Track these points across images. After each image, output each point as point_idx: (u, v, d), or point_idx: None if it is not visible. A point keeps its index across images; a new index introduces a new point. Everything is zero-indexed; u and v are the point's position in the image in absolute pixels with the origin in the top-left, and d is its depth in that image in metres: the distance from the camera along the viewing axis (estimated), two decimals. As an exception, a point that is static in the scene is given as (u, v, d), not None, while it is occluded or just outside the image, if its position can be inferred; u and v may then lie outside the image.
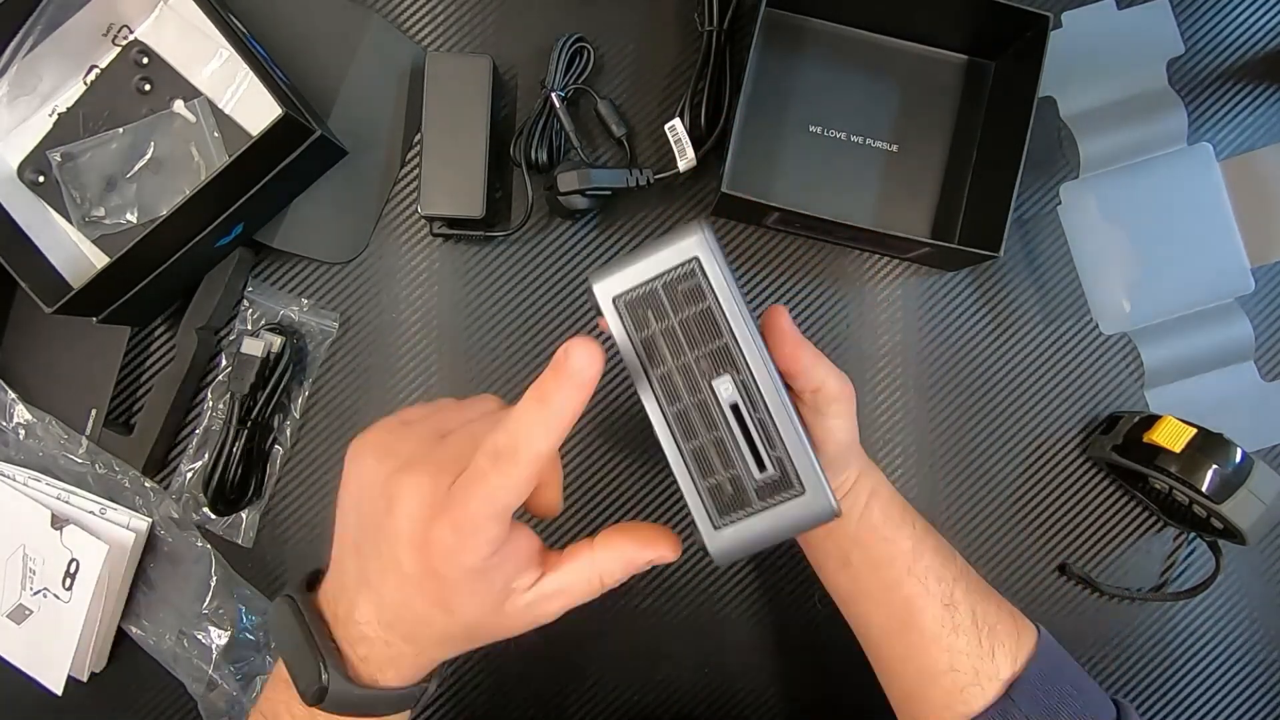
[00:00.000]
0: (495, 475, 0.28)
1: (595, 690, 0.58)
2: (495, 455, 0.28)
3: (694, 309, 0.30)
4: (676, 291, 0.30)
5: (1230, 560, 0.58)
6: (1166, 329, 0.58)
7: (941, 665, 0.41)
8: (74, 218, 0.54)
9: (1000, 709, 0.40)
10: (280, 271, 0.58)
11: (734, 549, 0.30)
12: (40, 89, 0.54)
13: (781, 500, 0.29)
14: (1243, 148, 0.59)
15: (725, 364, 0.30)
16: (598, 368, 0.28)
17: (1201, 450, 0.52)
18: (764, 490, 0.30)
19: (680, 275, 0.30)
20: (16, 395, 0.55)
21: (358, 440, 0.34)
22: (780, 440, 0.29)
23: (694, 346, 0.30)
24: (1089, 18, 0.59)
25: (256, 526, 0.57)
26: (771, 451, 0.29)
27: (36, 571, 0.54)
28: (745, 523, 0.30)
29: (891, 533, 0.43)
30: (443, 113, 0.55)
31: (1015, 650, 0.42)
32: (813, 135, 0.58)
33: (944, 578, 0.43)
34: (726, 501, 0.30)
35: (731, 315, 0.29)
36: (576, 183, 0.54)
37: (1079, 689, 0.42)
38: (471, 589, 0.30)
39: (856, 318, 0.59)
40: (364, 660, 0.33)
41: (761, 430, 0.29)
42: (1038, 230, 0.59)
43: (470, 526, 0.29)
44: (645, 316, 0.30)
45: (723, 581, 0.58)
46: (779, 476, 0.29)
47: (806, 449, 0.29)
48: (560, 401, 0.28)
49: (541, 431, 0.28)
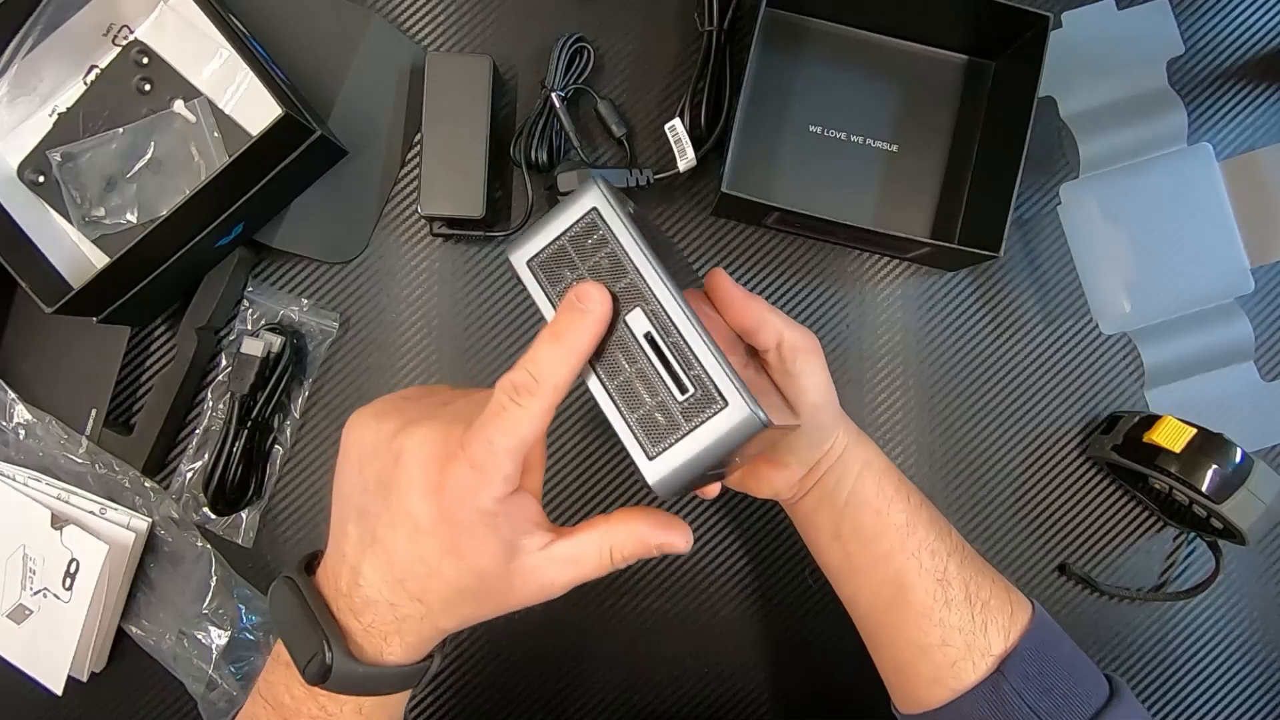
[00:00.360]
0: (514, 408, 0.30)
1: (595, 691, 0.58)
2: (514, 389, 0.30)
3: (600, 254, 0.32)
4: (583, 244, 0.32)
5: (1230, 560, 0.58)
6: (1166, 329, 0.58)
7: (933, 639, 0.41)
8: (74, 218, 0.54)
9: (991, 683, 0.40)
10: (280, 271, 0.58)
11: (672, 476, 0.31)
12: (40, 89, 0.54)
13: (708, 417, 0.30)
14: (1243, 148, 0.59)
15: (635, 298, 0.31)
16: (608, 306, 0.30)
17: (1201, 450, 0.52)
18: (689, 411, 0.30)
19: (584, 228, 0.32)
20: (16, 395, 0.55)
21: (357, 412, 0.35)
22: (696, 360, 0.30)
23: (614, 290, 0.31)
24: (1089, 18, 0.59)
25: (256, 526, 0.57)
26: (690, 372, 0.30)
27: (36, 571, 0.54)
28: (677, 447, 0.30)
29: (884, 506, 0.43)
30: (443, 113, 0.55)
31: (1008, 625, 0.41)
32: (813, 135, 0.58)
33: (938, 552, 0.42)
34: (657, 431, 0.31)
35: (633, 252, 0.31)
36: (576, 183, 0.54)
37: (1073, 665, 0.42)
38: (484, 534, 0.31)
39: (856, 318, 0.59)
40: (368, 630, 0.33)
41: (677, 353, 0.30)
42: (1038, 230, 0.59)
43: (489, 461, 0.30)
44: (560, 273, 0.32)
45: (723, 582, 0.58)
46: (701, 395, 0.30)
47: (722, 363, 0.30)
48: (575, 337, 0.30)
49: (559, 363, 0.30)
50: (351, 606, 0.33)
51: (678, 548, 0.34)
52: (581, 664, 0.58)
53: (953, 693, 0.41)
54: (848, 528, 0.43)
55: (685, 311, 0.30)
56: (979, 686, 0.40)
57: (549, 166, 0.57)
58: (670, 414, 0.30)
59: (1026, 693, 0.40)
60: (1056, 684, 0.40)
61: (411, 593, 0.32)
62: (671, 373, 0.30)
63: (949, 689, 0.41)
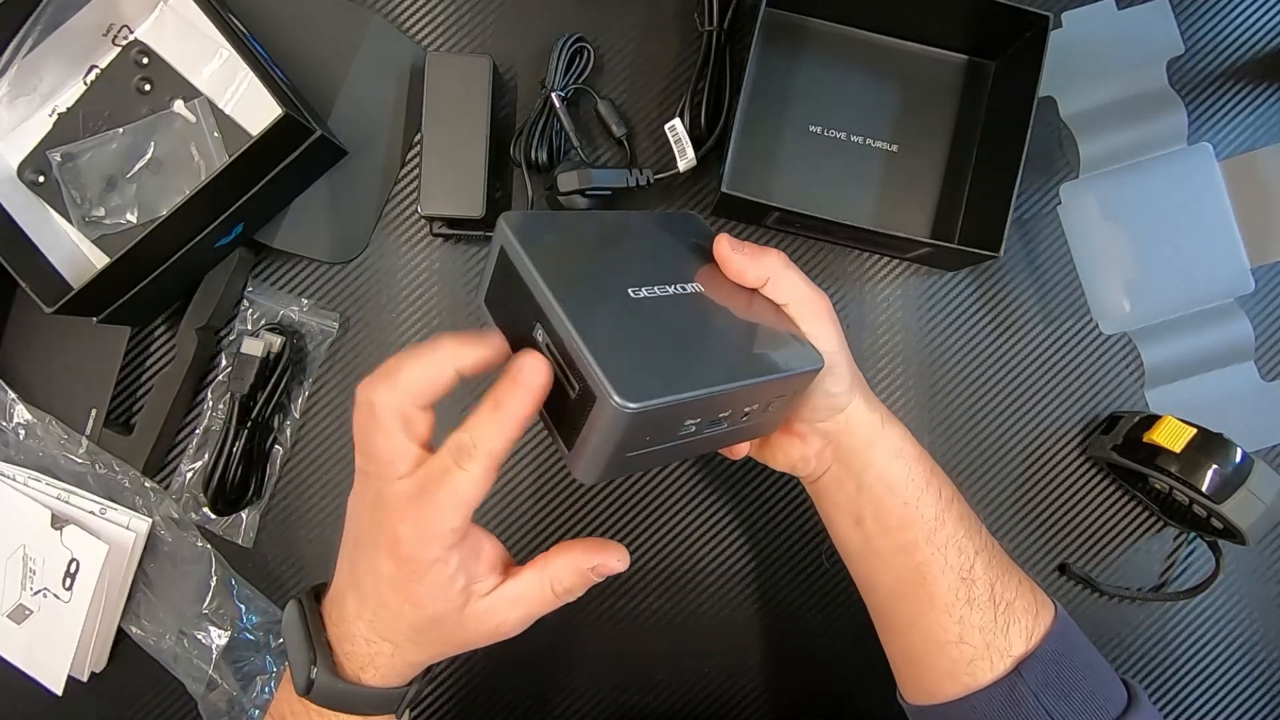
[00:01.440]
0: (456, 470, 0.32)
1: (595, 690, 0.58)
2: (457, 452, 0.32)
3: (513, 284, 0.35)
4: (504, 279, 0.35)
5: (1230, 560, 0.58)
6: (1166, 329, 0.58)
7: (950, 635, 0.41)
8: (74, 218, 0.54)
9: (1008, 684, 0.39)
10: (280, 271, 0.58)
11: (588, 465, 0.33)
12: (40, 89, 0.54)
13: (590, 410, 0.32)
14: (1243, 148, 0.59)
15: (537, 315, 0.33)
16: (545, 377, 0.32)
17: (1201, 450, 0.52)
18: (582, 407, 0.32)
19: (502, 263, 0.35)
20: (16, 395, 0.55)
21: None
22: (574, 360, 0.32)
23: (524, 313, 0.34)
24: (1089, 18, 0.59)
25: (256, 526, 0.57)
26: (572, 370, 0.32)
27: (36, 571, 0.54)
28: (580, 440, 0.33)
29: (913, 496, 0.42)
30: (443, 113, 0.55)
31: (1031, 627, 0.41)
32: (813, 135, 0.58)
33: (965, 550, 0.41)
34: (569, 428, 0.33)
35: (527, 276, 0.34)
36: (576, 183, 0.54)
37: (1091, 669, 0.42)
38: (435, 582, 0.34)
39: (856, 318, 0.59)
40: (348, 657, 0.36)
41: (563, 357, 0.33)
42: (1038, 230, 0.59)
43: (432, 518, 0.32)
44: (503, 304, 0.36)
45: (722, 582, 0.58)
46: (582, 389, 0.32)
47: (588, 359, 0.31)
48: (513, 406, 0.32)
49: (497, 431, 0.32)
50: (339, 635, 0.37)
51: (613, 568, 0.37)
52: (578, 664, 0.58)
53: (966, 689, 0.40)
54: (870, 513, 0.42)
55: (563, 317, 0.32)
56: (994, 686, 0.40)
57: (549, 166, 0.57)
58: (572, 412, 0.33)
59: (1044, 694, 0.39)
60: (1075, 688, 0.40)
61: (379, 632, 0.36)
62: (564, 374, 0.33)
63: (963, 685, 0.40)
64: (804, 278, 0.40)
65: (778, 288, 0.40)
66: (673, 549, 0.58)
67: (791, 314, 0.40)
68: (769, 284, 0.40)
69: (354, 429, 0.34)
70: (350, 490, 0.37)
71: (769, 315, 0.40)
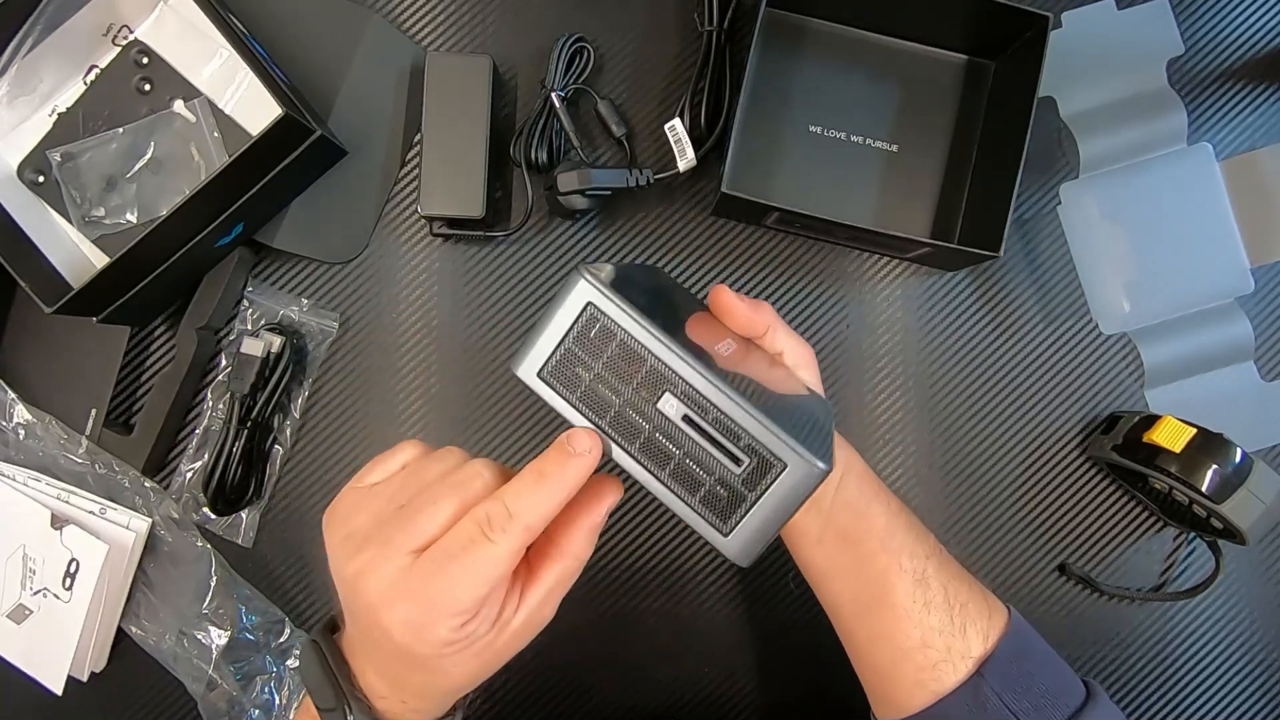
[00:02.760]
0: (483, 543, 0.29)
1: (595, 690, 0.58)
2: (488, 521, 0.29)
3: (610, 348, 0.30)
4: (588, 341, 0.31)
5: (1230, 560, 0.58)
6: (1166, 329, 0.58)
7: (913, 641, 0.41)
8: (74, 218, 0.54)
9: (972, 686, 0.40)
10: (280, 271, 0.58)
11: (750, 546, 0.30)
12: (40, 89, 0.54)
13: (771, 482, 0.30)
14: (1243, 148, 0.59)
15: (661, 384, 0.30)
16: (597, 454, 0.30)
17: (1201, 450, 0.52)
18: (750, 481, 0.30)
19: (585, 325, 0.31)
20: (16, 395, 0.55)
21: (327, 513, 0.34)
22: (743, 430, 0.30)
23: (627, 381, 0.31)
24: (1089, 18, 0.59)
25: (256, 526, 0.57)
26: (738, 444, 0.30)
27: (36, 571, 0.54)
28: (749, 518, 0.30)
29: (865, 508, 0.43)
30: (443, 113, 0.55)
31: (986, 628, 0.42)
32: (813, 135, 0.58)
33: (916, 554, 0.43)
34: (724, 506, 0.30)
35: (644, 338, 0.30)
36: (576, 183, 0.54)
37: (1049, 667, 0.43)
38: (456, 652, 0.30)
39: (856, 318, 0.59)
40: (384, 712, 0.34)
41: (721, 429, 0.30)
42: (1038, 230, 0.59)
43: (443, 600, 0.29)
44: (574, 375, 0.31)
45: (722, 582, 0.58)
46: (756, 463, 0.30)
47: (769, 426, 0.29)
48: (560, 479, 0.29)
49: (540, 504, 0.29)
50: (365, 686, 0.34)
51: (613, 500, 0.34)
52: (577, 664, 0.58)
53: (934, 695, 0.41)
54: (831, 531, 0.44)
55: (715, 384, 0.30)
56: (959, 689, 0.40)
57: (549, 166, 0.57)
58: (732, 487, 0.30)
59: (1005, 694, 0.40)
60: (1034, 686, 0.41)
61: (409, 696, 0.34)
62: (721, 448, 0.30)
63: (930, 691, 0.41)
64: (790, 328, 0.44)
65: (775, 336, 0.42)
66: (673, 549, 0.58)
67: (787, 361, 0.42)
68: (768, 334, 0.42)
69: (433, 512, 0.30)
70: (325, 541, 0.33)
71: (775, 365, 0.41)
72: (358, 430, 0.58)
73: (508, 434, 0.58)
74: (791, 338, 0.43)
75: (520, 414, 0.58)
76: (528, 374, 0.32)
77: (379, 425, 0.58)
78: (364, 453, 0.58)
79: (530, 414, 0.58)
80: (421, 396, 0.58)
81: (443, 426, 0.58)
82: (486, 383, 0.58)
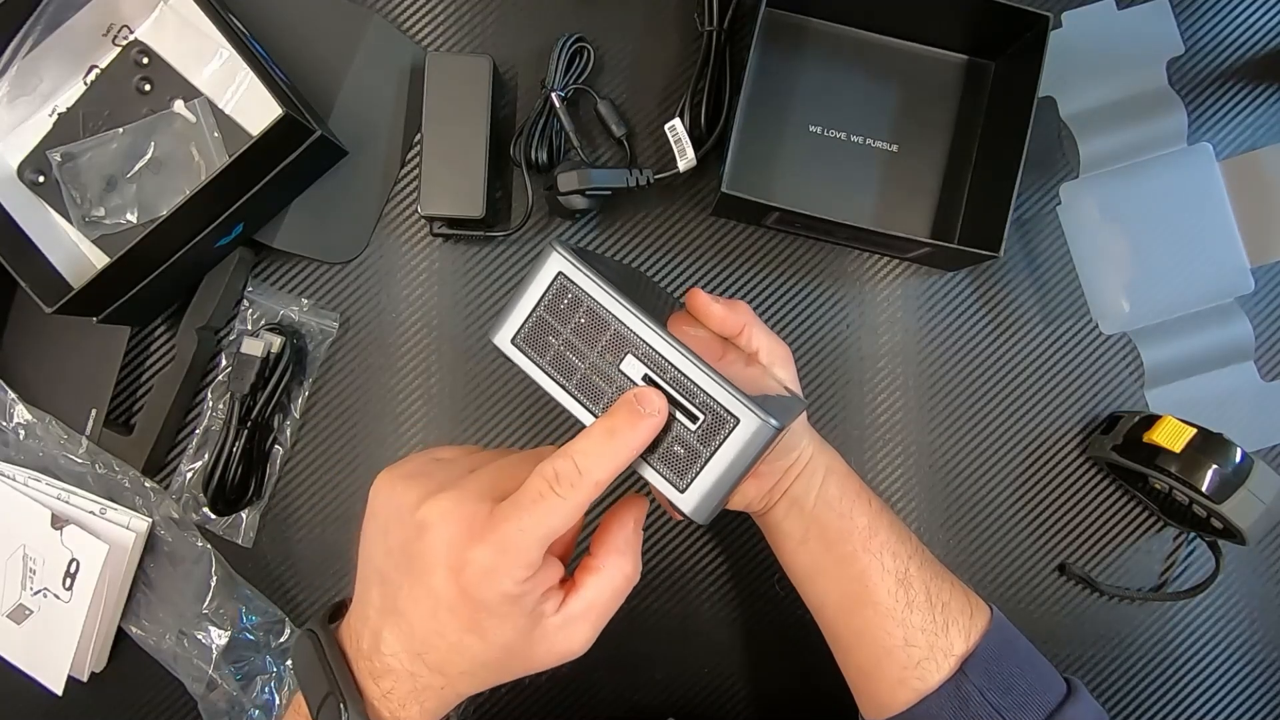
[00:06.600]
0: (552, 497, 0.30)
1: (594, 690, 0.58)
2: (556, 477, 0.30)
3: (578, 314, 0.33)
4: (559, 309, 0.33)
5: (1230, 560, 0.58)
6: (1166, 329, 0.58)
7: (896, 640, 0.42)
8: (74, 218, 0.54)
9: (954, 683, 0.41)
10: (280, 271, 0.58)
11: (706, 502, 0.31)
12: (40, 89, 0.54)
13: (725, 438, 0.31)
14: (1243, 148, 0.59)
15: (624, 347, 0.32)
16: (664, 415, 0.31)
17: (1201, 450, 0.52)
18: (705, 437, 0.31)
19: (555, 294, 0.33)
20: (16, 395, 0.55)
21: (386, 470, 0.34)
22: (698, 387, 0.31)
23: (593, 345, 0.32)
24: (1089, 18, 0.59)
25: (256, 526, 0.57)
26: (694, 401, 0.31)
27: (36, 571, 0.54)
28: (704, 474, 0.31)
29: (847, 508, 0.44)
30: (443, 113, 0.55)
31: (968, 626, 0.42)
32: (813, 135, 0.58)
33: (899, 554, 0.43)
34: (680, 463, 0.32)
35: (609, 304, 0.32)
36: (576, 183, 0.54)
37: (1031, 665, 0.43)
38: (506, 612, 0.31)
39: (856, 318, 0.59)
40: (387, 695, 0.33)
41: (678, 387, 0.31)
42: (1038, 230, 0.59)
43: (516, 547, 0.30)
44: (544, 341, 0.33)
45: (722, 581, 0.58)
46: (711, 419, 0.31)
47: (722, 384, 0.31)
48: (629, 437, 0.30)
49: (608, 459, 0.30)
50: (372, 670, 0.33)
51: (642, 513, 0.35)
52: (577, 663, 0.57)
53: (917, 694, 0.41)
54: (814, 532, 0.44)
55: (673, 344, 0.31)
56: (943, 687, 0.41)
57: (549, 166, 0.57)
58: (688, 444, 0.31)
59: (988, 691, 0.40)
60: (1016, 682, 0.41)
61: (432, 665, 0.32)
62: (679, 405, 0.31)
63: (914, 690, 0.41)
64: (767, 327, 0.43)
65: (751, 335, 0.42)
66: (673, 549, 0.58)
67: (763, 360, 0.42)
68: (744, 332, 0.42)
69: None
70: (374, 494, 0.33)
71: (751, 363, 0.41)
72: (358, 430, 0.58)
73: (508, 434, 0.58)
74: (769, 337, 0.43)
75: (520, 414, 0.58)
76: (502, 341, 0.34)
77: (379, 425, 0.58)
78: (364, 453, 0.58)
79: (530, 414, 0.58)
80: (421, 396, 0.58)
81: (443, 426, 0.58)
82: (486, 383, 0.58)
